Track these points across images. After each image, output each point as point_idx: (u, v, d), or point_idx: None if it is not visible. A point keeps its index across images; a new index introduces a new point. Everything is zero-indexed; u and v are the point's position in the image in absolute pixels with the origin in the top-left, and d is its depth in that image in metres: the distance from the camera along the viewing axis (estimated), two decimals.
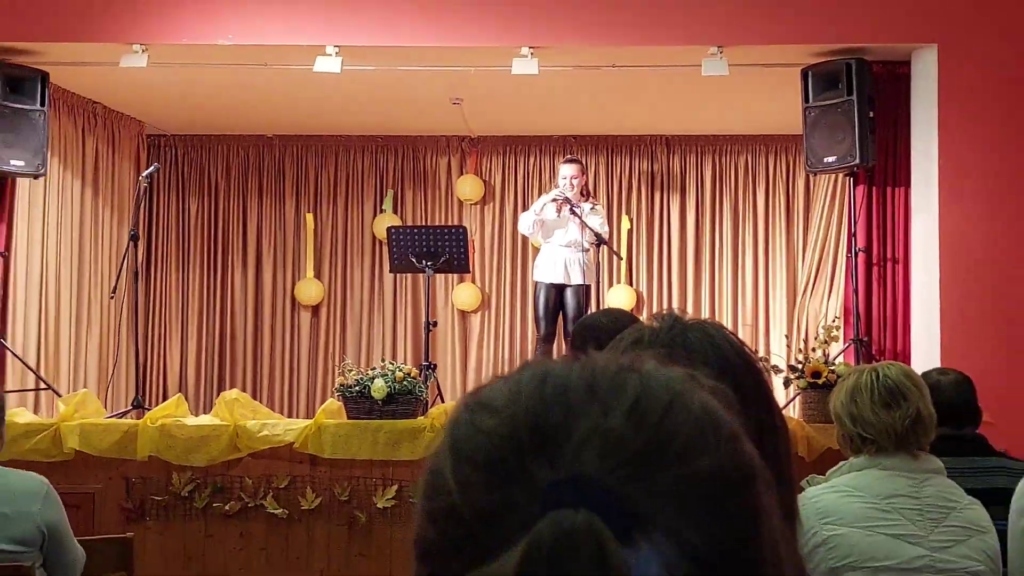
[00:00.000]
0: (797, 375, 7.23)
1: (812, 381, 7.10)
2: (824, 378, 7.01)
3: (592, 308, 9.00)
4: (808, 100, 8.13)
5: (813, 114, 8.10)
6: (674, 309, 1.67)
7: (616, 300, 10.47)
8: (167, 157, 11.29)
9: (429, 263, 8.55)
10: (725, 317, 10.89)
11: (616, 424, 0.70)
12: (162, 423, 7.12)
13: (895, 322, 8.07)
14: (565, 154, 10.69)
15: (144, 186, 9.24)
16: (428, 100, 9.88)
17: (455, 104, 9.98)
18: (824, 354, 7.31)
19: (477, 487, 0.70)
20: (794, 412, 7.26)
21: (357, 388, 7.19)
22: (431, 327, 8.88)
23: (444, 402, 7.73)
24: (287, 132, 11.38)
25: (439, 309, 10.64)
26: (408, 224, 10.86)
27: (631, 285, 11.17)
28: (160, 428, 7.08)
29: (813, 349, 7.39)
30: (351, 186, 11.58)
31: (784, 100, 8.60)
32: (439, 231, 8.79)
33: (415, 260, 8.58)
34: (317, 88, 8.78)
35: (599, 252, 9.26)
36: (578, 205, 8.98)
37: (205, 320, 11.47)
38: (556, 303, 9.25)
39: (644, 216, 11.41)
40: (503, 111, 10.37)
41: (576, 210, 8.93)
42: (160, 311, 11.32)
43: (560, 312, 9.27)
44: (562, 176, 9.21)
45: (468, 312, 11.41)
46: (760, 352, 10.22)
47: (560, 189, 9.06)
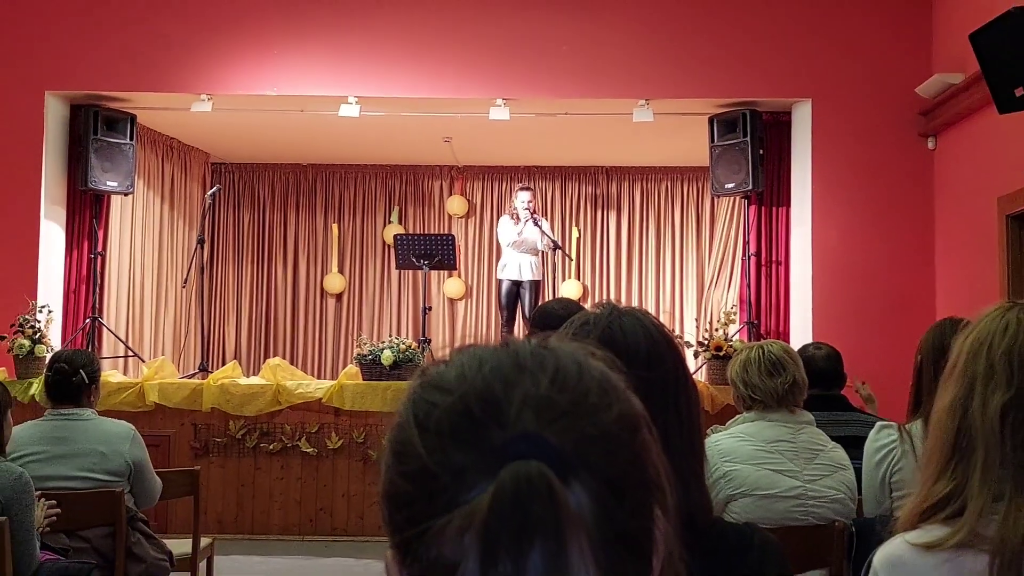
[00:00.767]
0: (704, 349, 7.23)
1: (715, 353, 7.09)
2: (724, 351, 7.00)
3: (545, 298, 9.07)
4: (713, 140, 8.10)
5: (717, 151, 8.07)
6: (611, 299, 1.67)
7: (567, 291, 10.38)
8: (226, 180, 11.23)
9: (426, 262, 8.57)
10: (650, 305, 10.87)
11: (544, 391, 0.70)
12: (221, 383, 7.13)
13: (778, 309, 8.08)
14: (534, 182, 10.78)
15: (208, 202, 9.26)
16: (425, 138, 9.80)
17: (446, 141, 9.93)
18: (724, 333, 7.30)
19: (444, 451, 0.69)
20: (702, 377, 7.25)
21: (370, 357, 7.21)
22: (427, 311, 8.90)
23: None
24: (317, 161, 11.29)
25: (433, 297, 10.60)
26: (410, 232, 10.81)
27: (578, 280, 11.11)
28: (220, 386, 7.09)
29: (716, 329, 7.39)
30: (366, 203, 11.49)
31: (695, 140, 8.55)
32: (433, 238, 8.78)
33: (415, 259, 8.59)
34: (341, 128, 8.71)
35: (553, 255, 9.30)
36: (541, 220, 9.09)
37: (253, 304, 11.39)
38: (515, 295, 9.31)
39: (589, 227, 11.37)
40: (482, 147, 10.26)
41: (540, 224, 9.02)
42: (219, 297, 11.23)
43: (519, 301, 9.35)
44: (520, 200, 9.26)
45: (455, 300, 11.35)
46: (676, 331, 10.27)
47: (528, 212, 9.16)
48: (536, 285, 9.29)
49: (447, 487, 0.68)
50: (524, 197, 9.28)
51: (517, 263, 9.23)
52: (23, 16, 7.87)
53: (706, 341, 7.30)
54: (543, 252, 9.30)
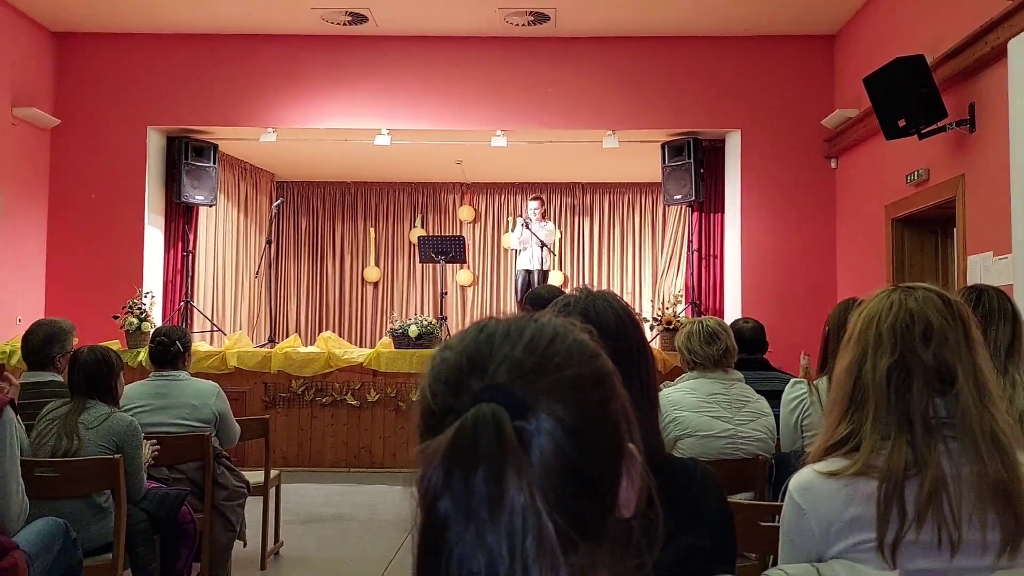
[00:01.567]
0: (658, 323, 7.25)
1: (666, 327, 7.10)
2: (673, 325, 7.01)
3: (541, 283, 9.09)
4: (665, 162, 8.10)
5: (667, 170, 8.07)
6: (587, 285, 1.68)
7: (553, 279, 10.47)
8: (288, 194, 11.20)
9: (442, 257, 8.56)
10: (616, 289, 10.92)
11: (518, 354, 0.70)
12: (285, 351, 7.14)
13: (714, 292, 8.08)
14: (526, 195, 10.75)
15: (274, 212, 9.25)
16: (441, 161, 9.79)
17: (457, 163, 9.94)
18: (673, 311, 7.33)
19: (441, 394, 0.70)
20: (656, 345, 7.29)
21: (400, 330, 7.22)
22: (443, 295, 8.89)
23: None
24: (358, 179, 11.28)
25: (448, 284, 10.60)
26: (429, 234, 10.83)
27: (561, 270, 11.18)
28: (284, 354, 7.10)
29: (667, 308, 7.42)
30: (396, 212, 11.49)
31: (650, 162, 8.54)
32: (448, 239, 8.79)
33: (434, 255, 8.59)
34: (376, 153, 8.69)
35: (543, 251, 9.33)
36: (532, 224, 9.05)
37: (309, 290, 11.39)
38: (527, 281, 9.30)
39: (569, 229, 11.37)
40: (486, 168, 10.26)
41: (532, 229, 9.02)
42: (283, 285, 11.21)
43: (529, 286, 9.33)
44: (531, 208, 9.29)
45: (465, 286, 11.36)
46: (637, 310, 10.30)
47: (527, 217, 9.14)
48: (545, 274, 9.29)
49: (440, 420, 0.68)
50: (532, 205, 9.31)
51: (528, 256, 9.25)
52: (130, 69, 7.86)
53: (659, 317, 7.31)
54: (546, 247, 9.27)
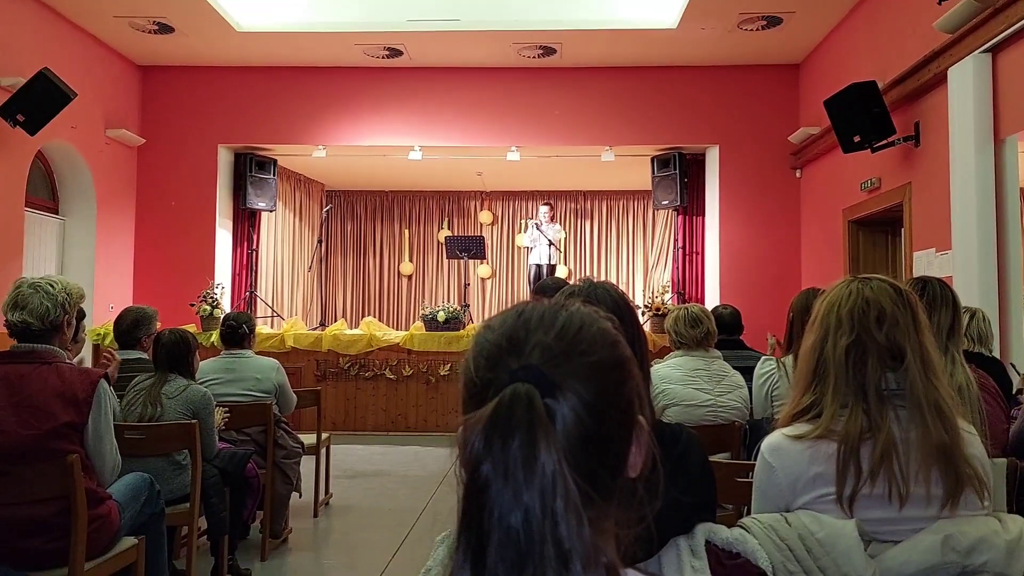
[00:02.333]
0: (648, 310, 7.26)
1: (655, 313, 7.10)
2: (661, 311, 7.01)
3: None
4: (654, 173, 8.07)
5: (657, 180, 8.04)
6: (589, 277, 1.67)
7: (559, 273, 10.42)
8: (336, 202, 11.18)
9: (465, 254, 8.55)
10: (613, 280, 10.87)
11: (550, 339, 0.69)
12: (334, 333, 7.15)
13: (697, 283, 8.05)
14: (537, 201, 10.72)
15: (324, 216, 9.27)
16: (465, 173, 9.78)
17: (478, 175, 9.92)
18: (661, 299, 7.32)
19: (482, 368, 0.69)
20: (648, 328, 7.29)
21: (430, 316, 7.21)
22: (466, 286, 8.94)
23: (473, 323, 7.77)
24: (395, 189, 11.25)
25: (470, 277, 10.62)
26: (455, 235, 10.83)
27: (566, 265, 11.16)
28: (333, 335, 7.12)
29: (656, 297, 7.41)
30: (426, 216, 11.45)
31: (642, 173, 8.51)
32: (470, 238, 8.78)
33: (458, 252, 8.58)
34: (409, 167, 8.69)
35: (551, 248, 9.31)
36: (542, 226, 9.00)
37: (354, 282, 11.40)
38: (538, 275, 9.27)
39: (573, 230, 11.32)
40: (503, 178, 10.25)
41: (542, 230, 8.97)
42: (331, 278, 11.22)
43: (539, 277, 9.30)
44: (542, 212, 9.23)
45: (485, 279, 11.32)
46: (631, 297, 10.27)
47: (538, 220, 9.09)
48: (553, 268, 9.24)
49: (481, 393, 0.68)
50: (542, 210, 9.24)
51: (539, 253, 9.22)
52: (204, 96, 7.89)
53: (650, 305, 7.28)
54: (554, 245, 9.24)
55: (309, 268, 9.79)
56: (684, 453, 1.27)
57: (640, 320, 1.53)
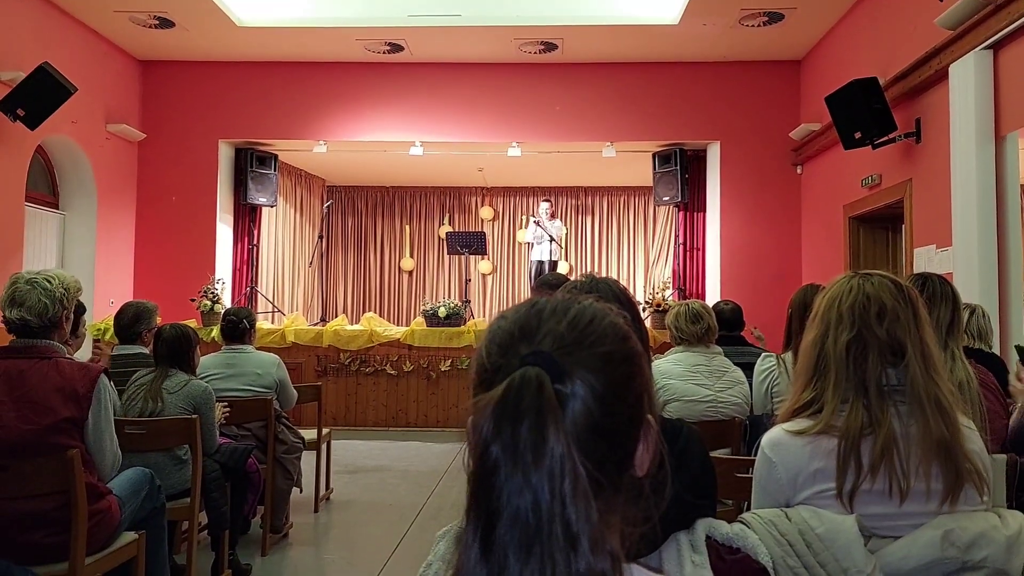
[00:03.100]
0: (649, 305, 7.25)
1: (656, 308, 7.09)
2: (662, 307, 7.00)
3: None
4: (655, 168, 8.06)
5: (657, 175, 8.03)
6: (591, 272, 1.66)
7: (561, 269, 10.42)
8: (337, 197, 11.19)
9: (466, 250, 8.55)
10: (614, 276, 10.88)
11: (562, 328, 0.70)
12: (334, 328, 7.15)
13: (697, 279, 8.05)
14: (538, 197, 10.74)
15: (325, 212, 9.29)
16: (466, 168, 9.78)
17: (479, 170, 9.92)
18: (662, 295, 7.32)
19: (494, 354, 0.70)
20: (649, 323, 7.29)
21: (431, 311, 7.21)
22: (467, 282, 8.90)
23: (473, 319, 7.79)
24: (396, 184, 11.27)
25: (472, 273, 10.62)
26: (456, 231, 10.83)
27: (567, 261, 11.16)
28: (334, 331, 7.11)
29: (657, 293, 7.40)
30: (427, 211, 11.46)
31: (644, 168, 8.52)
32: (471, 234, 8.77)
33: (459, 248, 8.57)
34: (410, 162, 8.72)
35: (552, 244, 9.30)
36: (543, 222, 9.02)
37: (354, 278, 11.40)
38: (540, 271, 9.27)
39: (574, 226, 11.34)
40: (503, 174, 10.26)
41: (543, 226, 8.97)
42: (332, 273, 11.23)
43: (540, 273, 9.30)
44: (542, 208, 9.26)
45: (486, 275, 11.33)
46: (632, 293, 10.28)
47: (539, 216, 9.11)
48: (554, 264, 9.27)
49: (492, 377, 0.68)
50: (543, 206, 9.30)
51: (540, 249, 9.24)
52: (205, 91, 7.88)
53: (651, 301, 7.28)
54: (555, 241, 9.23)
55: (310, 264, 9.79)
56: (685, 449, 1.27)
57: (641, 315, 1.52)
